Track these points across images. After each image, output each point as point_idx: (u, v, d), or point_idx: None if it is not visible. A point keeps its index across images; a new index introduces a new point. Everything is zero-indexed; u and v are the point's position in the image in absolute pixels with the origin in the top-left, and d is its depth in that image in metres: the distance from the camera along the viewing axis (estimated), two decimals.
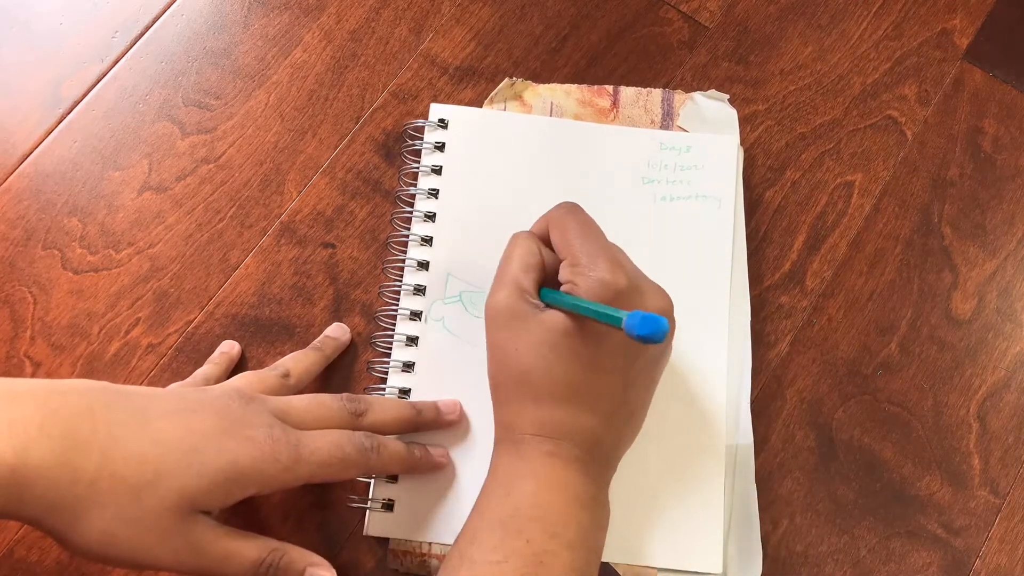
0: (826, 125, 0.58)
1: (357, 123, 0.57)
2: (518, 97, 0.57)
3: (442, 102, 0.58)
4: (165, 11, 0.59)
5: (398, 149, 0.57)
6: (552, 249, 0.46)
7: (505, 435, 0.44)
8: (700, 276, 0.54)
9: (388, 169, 0.56)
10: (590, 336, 0.42)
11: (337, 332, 0.52)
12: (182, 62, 0.58)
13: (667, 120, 0.57)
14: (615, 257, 0.44)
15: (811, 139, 0.58)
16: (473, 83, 0.58)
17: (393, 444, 0.46)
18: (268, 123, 0.57)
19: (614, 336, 0.42)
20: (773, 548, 0.50)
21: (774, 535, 0.51)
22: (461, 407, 0.50)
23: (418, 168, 0.55)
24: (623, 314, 0.38)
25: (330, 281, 0.54)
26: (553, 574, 0.40)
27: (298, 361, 0.50)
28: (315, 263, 0.54)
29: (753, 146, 0.58)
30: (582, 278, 0.42)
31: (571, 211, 0.46)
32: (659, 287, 0.45)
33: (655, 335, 0.37)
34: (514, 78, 0.58)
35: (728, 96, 0.58)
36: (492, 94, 0.57)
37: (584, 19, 0.60)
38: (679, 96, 0.58)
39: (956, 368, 0.54)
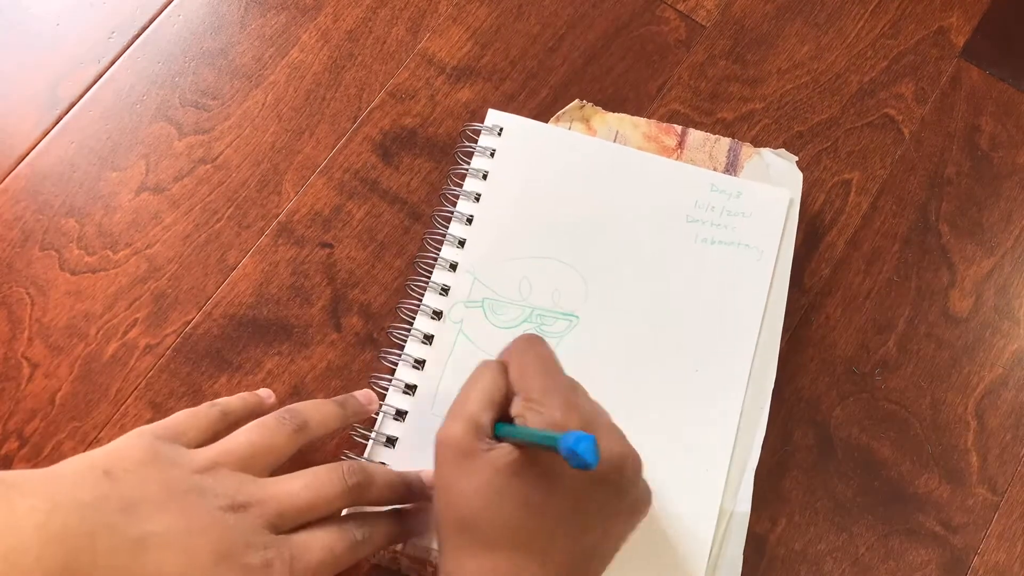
0: (823, 124, 0.59)
1: (354, 123, 0.57)
2: (585, 120, 0.56)
3: (439, 101, 0.57)
4: (162, 12, 0.59)
5: (396, 149, 0.57)
6: None
7: None
8: (727, 327, 0.51)
9: (386, 169, 0.56)
10: (541, 478, 0.39)
11: (364, 399, 0.50)
12: (179, 62, 0.58)
13: (730, 170, 0.55)
14: (569, 397, 0.41)
15: (808, 137, 0.58)
16: (470, 82, 0.58)
17: (383, 526, 0.45)
18: (265, 123, 0.57)
19: (566, 477, 0.39)
20: (772, 546, 0.50)
21: (772, 533, 0.51)
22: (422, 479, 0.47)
23: (467, 169, 0.55)
24: (558, 435, 0.35)
25: (328, 281, 0.54)
26: None
27: (318, 411, 0.47)
28: (313, 263, 0.54)
29: None
30: (532, 414, 0.40)
31: (531, 344, 0.44)
32: (617, 429, 0.41)
33: (583, 457, 0.34)
34: (584, 101, 0.57)
35: (797, 158, 0.56)
36: (560, 112, 0.57)
37: (581, 18, 0.60)
38: (747, 148, 0.56)
39: (954, 366, 0.54)
